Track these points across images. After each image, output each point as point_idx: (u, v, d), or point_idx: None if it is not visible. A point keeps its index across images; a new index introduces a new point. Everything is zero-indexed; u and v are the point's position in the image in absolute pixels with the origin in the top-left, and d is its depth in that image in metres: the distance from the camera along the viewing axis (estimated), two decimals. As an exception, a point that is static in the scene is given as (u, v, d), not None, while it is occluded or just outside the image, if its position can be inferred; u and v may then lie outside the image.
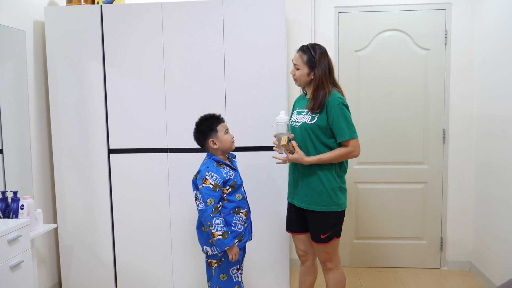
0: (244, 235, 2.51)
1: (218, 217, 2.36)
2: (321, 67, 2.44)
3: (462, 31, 3.59)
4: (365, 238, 3.84)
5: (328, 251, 2.53)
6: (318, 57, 2.45)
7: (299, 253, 2.70)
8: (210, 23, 3.08)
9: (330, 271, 2.57)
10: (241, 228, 2.48)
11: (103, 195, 3.28)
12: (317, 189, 2.46)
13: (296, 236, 2.68)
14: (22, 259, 2.38)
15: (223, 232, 2.35)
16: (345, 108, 2.43)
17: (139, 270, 3.31)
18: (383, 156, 3.75)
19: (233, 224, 2.46)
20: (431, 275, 3.65)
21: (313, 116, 2.45)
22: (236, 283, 2.51)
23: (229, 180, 2.44)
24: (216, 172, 2.41)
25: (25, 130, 3.11)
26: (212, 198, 2.36)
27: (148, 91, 3.17)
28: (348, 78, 3.71)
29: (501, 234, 3.17)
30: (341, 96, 2.47)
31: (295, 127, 2.54)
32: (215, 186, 2.37)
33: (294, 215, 2.64)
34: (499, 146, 3.19)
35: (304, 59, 2.47)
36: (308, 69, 2.46)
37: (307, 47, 2.50)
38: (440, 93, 3.66)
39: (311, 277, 2.73)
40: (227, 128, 2.52)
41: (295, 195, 2.59)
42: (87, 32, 3.16)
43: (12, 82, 3.02)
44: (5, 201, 2.71)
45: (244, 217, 2.50)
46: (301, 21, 3.66)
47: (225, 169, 2.46)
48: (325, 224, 2.46)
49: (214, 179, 2.38)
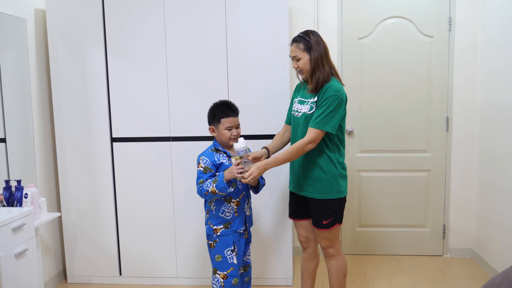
0: (232, 224, 2.54)
1: (204, 182, 2.44)
2: (317, 49, 2.42)
3: (466, 18, 3.55)
4: (368, 226, 3.85)
5: (329, 237, 2.54)
6: (314, 41, 2.43)
7: (301, 239, 2.73)
8: (213, 10, 3.06)
9: (332, 257, 2.59)
10: (229, 216, 2.53)
11: (106, 183, 3.28)
12: (318, 177, 2.46)
13: (298, 222, 2.70)
14: (27, 247, 2.39)
15: (212, 181, 2.42)
16: (339, 102, 2.37)
17: (143, 258, 3.33)
18: (386, 144, 3.74)
19: (220, 211, 2.52)
20: (433, 263, 3.67)
21: (312, 106, 2.44)
22: (231, 265, 2.55)
23: (221, 165, 2.49)
24: (208, 156, 2.50)
25: (28, 119, 3.11)
26: (202, 179, 2.47)
27: (150, 79, 3.16)
28: (351, 66, 3.69)
29: (504, 222, 3.17)
30: (341, 88, 2.42)
31: (297, 117, 2.53)
32: (205, 168, 2.48)
33: (296, 202, 2.66)
34: (503, 134, 3.18)
35: (301, 47, 2.45)
36: (308, 54, 2.44)
37: (299, 35, 2.48)
38: (443, 80, 3.64)
39: (313, 264, 2.76)
40: (231, 126, 2.48)
41: (296, 184, 2.60)
42: (88, 20, 3.15)
43: (14, 71, 3.01)
44: (9, 190, 2.72)
45: (235, 206, 2.54)
46: (304, 8, 3.63)
47: (221, 156, 2.51)
48: (327, 211, 2.48)
49: (204, 162, 2.49)
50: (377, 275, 3.45)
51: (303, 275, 2.79)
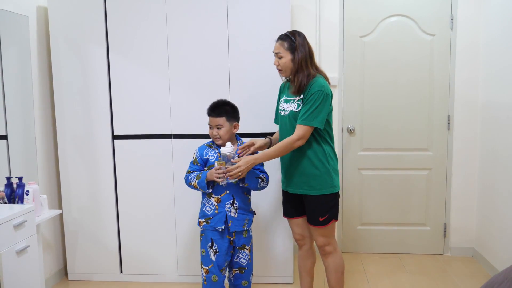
0: (212, 220, 2.58)
1: (190, 173, 2.61)
2: (301, 50, 2.43)
3: (468, 17, 3.54)
4: (369, 224, 3.85)
5: (326, 234, 2.55)
6: (299, 42, 2.44)
7: (296, 238, 2.74)
8: (214, 7, 3.06)
9: (330, 255, 2.60)
10: (210, 211, 2.59)
11: (107, 181, 3.29)
12: (312, 173, 2.48)
13: (292, 220, 2.71)
14: (28, 244, 2.40)
15: (196, 176, 2.56)
16: (324, 97, 2.39)
17: (144, 256, 3.33)
18: (387, 143, 3.74)
19: (203, 204, 2.63)
20: (434, 261, 3.66)
21: (298, 104, 2.46)
22: (211, 261, 2.59)
23: (207, 161, 2.61)
24: (200, 149, 2.66)
25: (30, 116, 3.11)
26: (189, 169, 2.65)
27: (152, 76, 3.16)
28: (352, 64, 3.69)
29: (505, 221, 3.17)
30: (325, 84, 2.43)
31: (283, 115, 2.55)
32: (195, 160, 2.65)
33: (289, 200, 2.67)
34: (504, 133, 3.17)
35: (285, 46, 2.45)
36: (291, 54, 2.45)
37: (286, 34, 2.49)
38: (445, 79, 3.63)
39: (310, 261, 2.77)
40: (211, 125, 2.58)
41: (289, 183, 2.61)
42: (90, 17, 3.14)
43: (16, 68, 3.01)
44: (10, 187, 2.72)
45: (215, 203, 2.58)
46: (305, 6, 3.63)
47: (212, 152, 2.61)
48: (322, 207, 2.49)
49: (195, 155, 2.66)
50: (378, 273, 3.45)
51: (301, 273, 2.80)
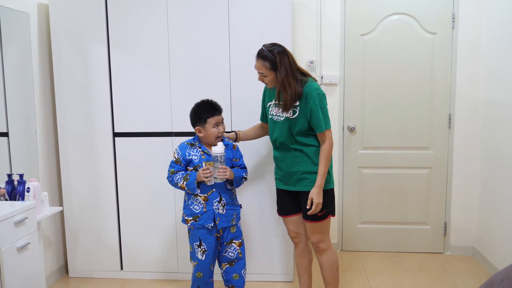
0: (200, 218, 2.61)
1: (175, 173, 2.61)
2: (282, 69, 2.41)
3: (470, 15, 3.54)
4: (369, 222, 3.85)
5: (321, 230, 2.57)
6: (279, 59, 2.41)
7: (291, 235, 2.75)
8: (215, 5, 3.05)
9: (324, 252, 2.62)
10: (198, 210, 2.61)
11: (108, 178, 3.29)
12: (309, 170, 2.50)
13: (287, 218, 2.72)
14: (29, 240, 2.40)
15: (183, 177, 2.57)
16: (323, 98, 2.47)
17: (144, 253, 3.33)
18: (388, 141, 3.73)
19: (190, 203, 2.64)
20: (434, 260, 3.67)
21: (294, 111, 2.47)
22: (197, 259, 2.64)
23: (191, 162, 2.60)
24: (181, 149, 2.64)
25: (30, 113, 3.11)
26: (172, 169, 2.63)
27: (153, 74, 3.16)
28: (353, 62, 3.69)
29: (505, 220, 3.17)
30: (317, 85, 2.48)
31: (277, 121, 2.55)
32: (176, 160, 2.64)
33: (284, 198, 2.68)
34: (505, 132, 3.17)
35: (268, 66, 2.43)
36: (274, 72, 2.45)
37: (266, 53, 2.43)
38: (446, 78, 3.63)
39: (307, 259, 2.78)
40: (218, 122, 2.59)
41: (285, 181, 2.61)
42: (91, 15, 3.14)
43: (17, 65, 3.01)
44: (11, 184, 2.72)
45: (202, 201, 2.60)
46: (307, 4, 3.62)
47: (194, 151, 2.61)
48: None
49: (177, 154, 2.64)
50: (378, 272, 3.46)
51: (299, 272, 2.82)
